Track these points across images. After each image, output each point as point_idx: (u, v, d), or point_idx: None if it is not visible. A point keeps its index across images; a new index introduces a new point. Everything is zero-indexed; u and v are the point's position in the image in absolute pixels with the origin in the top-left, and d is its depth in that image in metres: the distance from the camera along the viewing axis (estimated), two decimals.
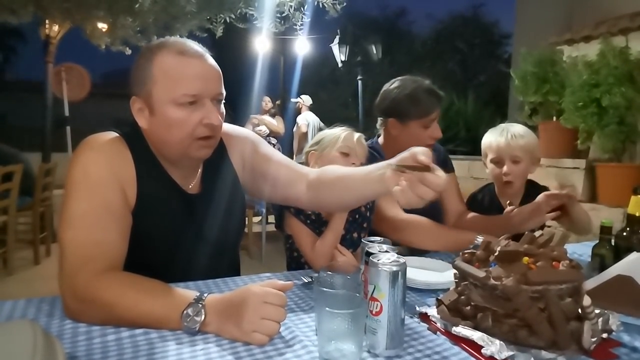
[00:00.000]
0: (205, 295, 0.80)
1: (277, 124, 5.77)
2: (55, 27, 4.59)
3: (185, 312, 0.77)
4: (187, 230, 1.04)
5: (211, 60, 0.98)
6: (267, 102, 5.89)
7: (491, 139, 1.57)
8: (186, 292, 0.82)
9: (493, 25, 17.02)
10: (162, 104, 0.93)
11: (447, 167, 1.62)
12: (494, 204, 1.60)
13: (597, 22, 3.55)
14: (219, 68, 0.99)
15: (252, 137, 1.19)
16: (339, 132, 1.27)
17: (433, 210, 1.58)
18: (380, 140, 1.60)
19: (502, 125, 1.61)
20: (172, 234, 1.02)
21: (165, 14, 3.64)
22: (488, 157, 1.58)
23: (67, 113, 5.94)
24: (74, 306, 0.82)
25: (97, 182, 0.90)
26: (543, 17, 4.68)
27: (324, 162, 1.24)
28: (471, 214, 1.57)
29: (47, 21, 4.50)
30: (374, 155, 1.51)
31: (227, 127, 1.13)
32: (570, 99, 3.09)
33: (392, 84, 1.52)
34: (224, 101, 1.01)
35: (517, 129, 1.56)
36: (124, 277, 0.86)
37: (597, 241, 1.17)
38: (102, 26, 4.14)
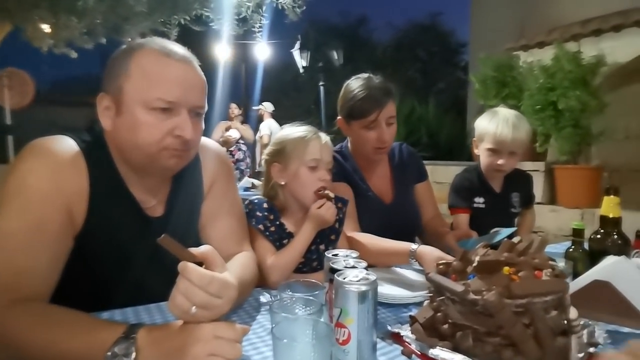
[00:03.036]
0: (138, 327, 0.66)
1: (247, 130, 5.72)
2: None
3: (110, 351, 0.63)
4: (141, 254, 0.92)
5: (197, 69, 0.89)
6: (234, 109, 5.80)
7: (493, 128, 1.49)
8: (114, 325, 0.68)
9: (450, 34, 17.72)
10: (132, 103, 0.82)
11: (424, 174, 1.60)
12: (483, 183, 1.58)
13: (549, 28, 3.69)
14: (205, 79, 0.90)
15: (230, 166, 1.12)
16: (304, 139, 1.13)
17: (411, 217, 1.52)
18: (350, 143, 1.52)
19: (503, 112, 1.53)
20: (122, 257, 0.91)
21: (114, 14, 3.42)
22: (483, 144, 1.52)
23: (8, 121, 5.52)
24: None
25: (34, 196, 0.78)
26: (496, 25, 4.86)
27: (290, 178, 1.14)
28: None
29: None
30: (339, 161, 1.43)
31: (208, 142, 1.05)
32: (528, 103, 3.17)
33: (347, 81, 1.45)
34: None
35: (517, 119, 1.50)
36: (38, 310, 0.72)
37: (570, 243, 1.13)
38: (44, 27, 3.83)
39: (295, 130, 1.16)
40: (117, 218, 0.89)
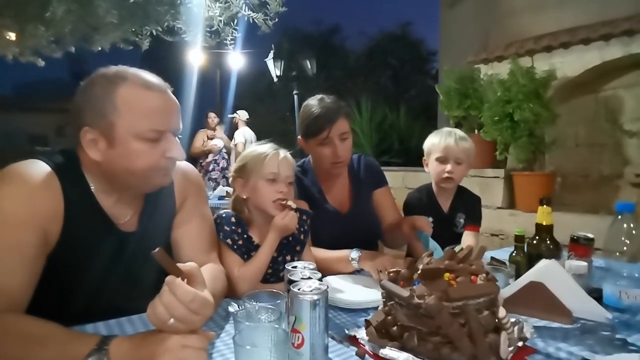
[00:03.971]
0: (110, 339, 0.71)
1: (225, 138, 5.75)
2: None
3: None
4: (114, 269, 0.98)
5: (172, 95, 0.97)
6: (213, 118, 5.80)
7: (438, 139, 1.68)
8: (87, 337, 0.73)
9: (420, 42, 18.19)
10: (124, 136, 0.89)
11: (381, 181, 1.67)
12: (432, 203, 1.72)
13: (507, 43, 3.91)
14: (178, 103, 0.98)
15: (200, 181, 1.19)
16: (262, 155, 1.21)
17: (369, 224, 1.60)
18: (311, 159, 1.61)
19: (447, 128, 1.75)
20: (97, 272, 0.95)
21: (83, 24, 3.37)
22: (432, 155, 1.70)
23: None
24: None
25: (10, 220, 0.82)
26: (464, 37, 5.05)
27: (251, 191, 1.21)
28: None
29: None
30: (300, 177, 1.51)
31: (183, 164, 1.11)
32: (488, 114, 3.34)
33: (304, 104, 1.54)
34: None
35: (461, 133, 1.70)
36: (11, 322, 0.75)
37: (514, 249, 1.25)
38: (9, 35, 3.74)
39: (256, 148, 1.24)
40: (91, 235, 0.94)
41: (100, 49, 3.79)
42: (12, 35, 3.72)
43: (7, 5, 3.17)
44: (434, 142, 1.70)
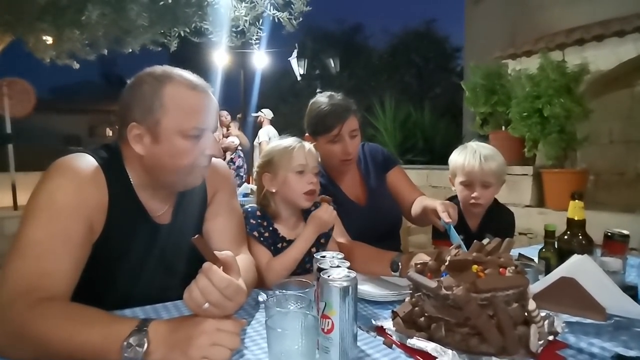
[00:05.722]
0: (149, 321, 0.75)
1: (243, 137, 5.83)
2: None
3: (126, 341, 0.71)
4: (149, 260, 1.03)
5: (212, 95, 1.02)
6: (226, 117, 5.89)
7: (462, 160, 1.54)
8: (128, 319, 0.77)
9: (445, 39, 17.86)
10: (170, 134, 0.94)
11: (389, 163, 1.67)
12: (461, 223, 1.51)
13: (536, 37, 3.81)
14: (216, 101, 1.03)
15: (230, 176, 1.22)
16: (288, 148, 1.23)
17: (389, 214, 1.60)
18: (319, 159, 1.62)
19: (472, 145, 1.58)
20: (134, 260, 1.00)
21: (116, 27, 3.50)
22: (457, 178, 1.56)
23: (9, 130, 5.58)
24: (2, 341, 0.75)
25: (61, 209, 0.87)
26: (489, 32, 4.96)
27: (280, 185, 1.23)
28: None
29: None
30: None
31: (213, 159, 1.16)
32: (516, 110, 3.27)
33: (311, 100, 1.55)
34: None
35: (488, 151, 1.53)
36: (59, 307, 0.80)
37: (543, 245, 1.22)
38: (47, 39, 3.93)
39: (280, 142, 1.27)
40: (131, 226, 0.99)
41: (130, 50, 3.94)
42: (49, 39, 3.91)
43: (45, 11, 3.33)
44: (458, 163, 1.56)
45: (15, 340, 0.74)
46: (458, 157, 1.57)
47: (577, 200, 1.17)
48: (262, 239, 1.20)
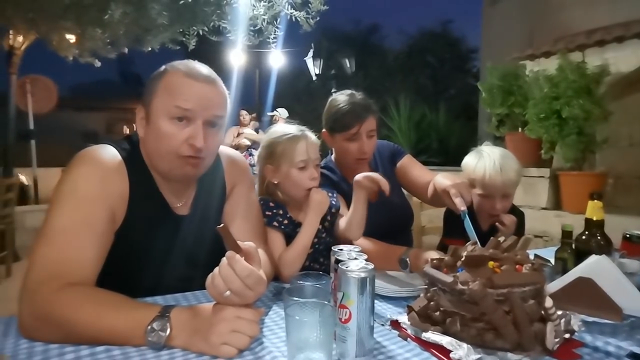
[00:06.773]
0: (172, 308, 0.78)
1: (259, 135, 5.88)
2: (20, 38, 4.44)
3: (149, 326, 0.74)
4: (169, 250, 1.05)
5: (219, 87, 1.01)
6: (245, 116, 5.98)
7: (481, 172, 1.46)
8: (151, 305, 0.80)
9: (461, 40, 17.68)
10: (157, 115, 0.96)
11: (396, 155, 1.67)
12: (474, 223, 1.44)
13: (555, 38, 3.75)
14: (226, 95, 1.02)
15: (249, 171, 1.23)
16: (290, 142, 1.23)
17: (401, 208, 1.62)
18: (333, 156, 1.64)
19: (487, 152, 1.51)
20: (154, 250, 1.03)
21: (136, 26, 3.58)
22: (475, 190, 1.48)
23: (31, 126, 5.74)
24: (30, 323, 0.79)
25: (84, 198, 0.90)
26: (507, 33, 4.90)
27: (283, 178, 1.24)
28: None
29: (10, 32, 4.36)
30: (328, 175, 1.53)
31: (230, 150, 1.19)
32: (533, 111, 3.23)
33: (331, 97, 1.56)
34: None
35: (505, 159, 1.47)
36: (85, 291, 0.83)
37: (560, 245, 1.22)
38: (70, 37, 4.04)
39: (282, 133, 1.26)
40: (151, 216, 1.02)
41: (150, 49, 4.02)
42: (72, 38, 4.02)
43: (69, 9, 3.42)
44: (477, 175, 1.47)
45: (43, 324, 0.77)
46: (476, 168, 1.49)
47: (596, 200, 1.16)
48: (282, 227, 1.21)
